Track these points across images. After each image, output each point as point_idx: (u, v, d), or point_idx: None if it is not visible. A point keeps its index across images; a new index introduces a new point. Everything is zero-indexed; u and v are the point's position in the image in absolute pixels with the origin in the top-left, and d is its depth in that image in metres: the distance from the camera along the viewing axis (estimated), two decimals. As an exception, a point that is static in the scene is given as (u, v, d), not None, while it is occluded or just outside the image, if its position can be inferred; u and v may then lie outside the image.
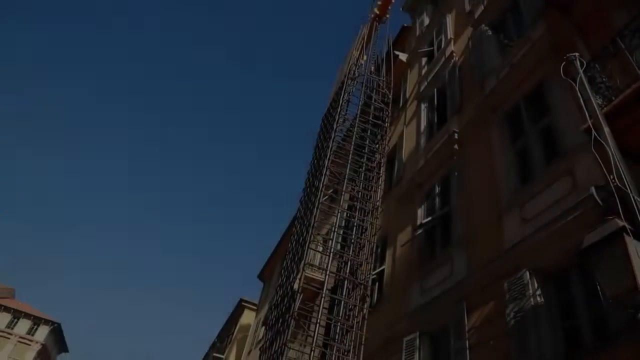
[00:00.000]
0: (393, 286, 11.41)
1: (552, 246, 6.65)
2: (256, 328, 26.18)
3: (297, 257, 6.19)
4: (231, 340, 32.55)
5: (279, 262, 24.71)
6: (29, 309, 60.15)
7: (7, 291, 60.61)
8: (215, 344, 38.24)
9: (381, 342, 10.47)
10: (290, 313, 4.50)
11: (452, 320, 8.30)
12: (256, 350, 21.19)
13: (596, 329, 5.87)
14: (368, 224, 10.20)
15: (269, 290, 26.86)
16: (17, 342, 56.25)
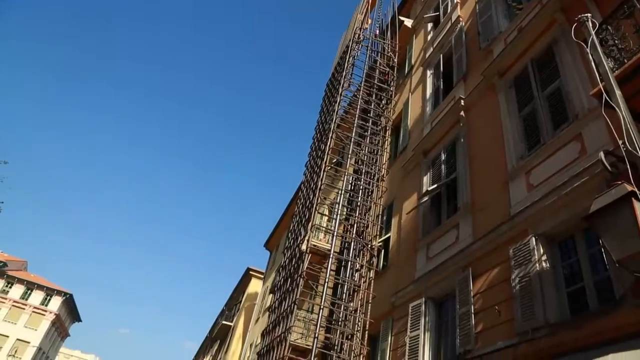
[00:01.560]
0: (399, 253, 11.53)
1: (559, 212, 6.65)
2: (263, 296, 26.67)
3: (304, 220, 6.22)
4: (239, 308, 33.25)
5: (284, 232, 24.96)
6: (42, 280, 61.46)
7: (19, 264, 61.80)
8: (224, 311, 39.10)
9: (387, 308, 10.66)
10: (300, 273, 4.57)
11: (458, 286, 8.41)
12: (264, 318, 21.65)
13: (601, 294, 5.93)
14: (374, 187, 10.19)
15: (275, 259, 27.24)
16: (31, 313, 57.72)
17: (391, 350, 10.08)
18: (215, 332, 39.01)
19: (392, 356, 9.99)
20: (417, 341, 9.10)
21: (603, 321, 5.32)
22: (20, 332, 56.13)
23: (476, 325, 7.62)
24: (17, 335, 55.80)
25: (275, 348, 4.74)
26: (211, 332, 44.65)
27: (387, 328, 10.50)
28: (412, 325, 9.44)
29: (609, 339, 5.06)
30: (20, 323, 56.61)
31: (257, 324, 25.05)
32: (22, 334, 56.14)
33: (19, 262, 62.15)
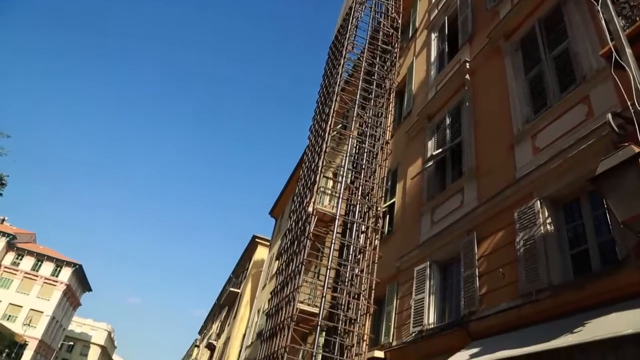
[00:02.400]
0: (404, 218, 11.63)
1: (564, 175, 6.65)
2: (270, 263, 27.09)
3: (309, 183, 6.24)
4: (246, 275, 33.84)
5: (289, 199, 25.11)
6: (51, 252, 62.55)
7: (28, 236, 62.75)
8: (231, 279, 39.83)
9: (392, 272, 10.84)
10: (306, 235, 4.62)
11: (462, 249, 8.52)
12: (271, 284, 22.07)
13: (604, 255, 6.00)
14: (378, 150, 10.16)
15: (280, 226, 27.52)
16: (43, 284, 59.05)
17: (397, 313, 10.31)
18: (223, 299, 39.86)
19: (397, 319, 10.22)
20: (422, 304, 9.29)
21: (606, 282, 5.41)
22: (33, 302, 57.59)
23: (480, 288, 7.76)
24: (31, 306, 57.28)
25: (283, 308, 4.85)
26: (219, 299, 45.64)
27: (393, 291, 10.70)
28: (417, 289, 9.61)
29: (612, 299, 5.15)
30: (33, 294, 58.00)
31: (264, 290, 25.54)
32: (35, 304, 57.61)
33: (28, 234, 63.09)
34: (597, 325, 4.80)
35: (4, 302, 56.24)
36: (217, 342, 38.35)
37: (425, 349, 8.55)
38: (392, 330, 10.20)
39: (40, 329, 56.79)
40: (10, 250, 57.80)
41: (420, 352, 8.67)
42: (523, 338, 5.64)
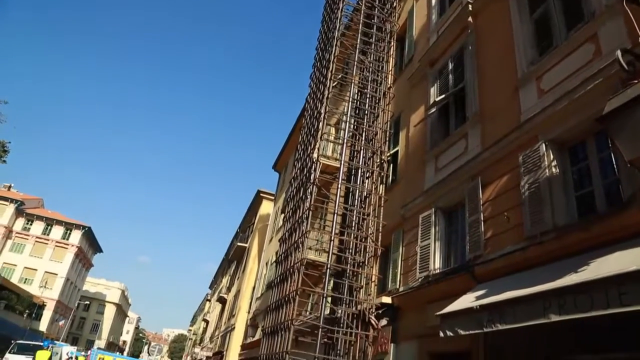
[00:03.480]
0: (407, 166, 11.64)
1: (570, 116, 6.57)
2: (275, 217, 27.43)
3: (312, 130, 6.16)
4: (252, 230, 34.37)
5: (292, 152, 25.09)
6: (60, 216, 63.43)
7: (35, 201, 63.44)
8: (238, 234, 40.52)
9: (397, 220, 10.97)
10: (312, 181, 4.63)
11: (467, 195, 8.57)
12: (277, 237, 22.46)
13: (609, 197, 6.03)
14: (381, 95, 10.00)
15: (284, 180, 27.66)
16: (54, 247, 60.30)
17: (402, 260, 10.53)
18: (232, 253, 40.72)
19: (403, 265, 10.45)
20: (427, 250, 9.46)
21: (611, 221, 5.46)
22: (47, 265, 59.04)
23: (485, 232, 7.86)
24: (45, 269, 58.79)
25: (292, 254, 4.95)
26: (227, 254, 46.66)
27: (398, 239, 10.88)
28: (422, 236, 9.76)
29: (616, 238, 5.22)
30: (46, 257, 59.36)
31: (271, 243, 26.01)
32: (49, 267, 59.09)
33: (35, 199, 63.76)
34: (601, 264, 4.89)
35: (19, 266, 57.67)
36: (227, 295, 39.52)
37: (431, 293, 8.78)
38: (398, 277, 10.45)
39: (56, 290, 58.52)
40: (19, 216, 58.62)
41: (426, 297, 8.91)
42: (528, 279, 5.76)
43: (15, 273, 56.26)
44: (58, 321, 57.67)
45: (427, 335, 8.46)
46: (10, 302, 43.67)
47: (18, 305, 46.04)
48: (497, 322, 5.55)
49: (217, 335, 38.73)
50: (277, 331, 4.78)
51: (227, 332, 32.01)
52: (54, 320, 57.79)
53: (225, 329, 33.87)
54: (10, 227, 57.14)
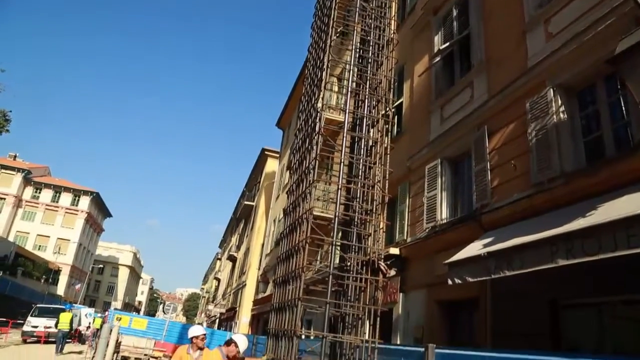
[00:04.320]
0: (412, 118, 11.53)
1: (579, 60, 6.40)
2: (281, 174, 27.53)
3: (316, 80, 6.01)
4: (259, 188, 34.59)
5: (295, 109, 24.85)
6: (67, 183, 63.92)
7: (42, 170, 63.81)
8: (245, 193, 40.83)
9: (403, 172, 10.99)
10: (317, 131, 4.60)
11: (473, 144, 8.51)
12: (283, 195, 22.63)
13: (618, 141, 5.96)
14: (384, 42, 9.75)
15: (288, 136, 27.55)
16: (65, 214, 61.15)
17: (409, 212, 10.62)
18: (239, 212, 41.20)
19: (410, 217, 10.55)
20: (434, 201, 9.51)
21: (619, 165, 5.42)
22: (58, 232, 60.11)
23: (492, 181, 7.86)
24: (57, 235, 59.90)
25: (300, 204, 4.99)
26: (235, 213, 47.22)
27: (405, 191, 10.93)
28: (428, 186, 9.79)
29: (625, 182, 5.20)
30: (57, 224, 60.33)
31: (278, 201, 26.24)
32: (61, 233, 60.16)
33: (42, 168, 64.11)
34: (609, 208, 4.90)
35: (32, 234, 58.77)
36: (237, 253, 40.29)
37: (438, 243, 8.90)
38: (405, 228, 10.57)
39: (70, 255, 59.84)
40: (27, 184, 59.16)
41: (434, 247, 9.04)
42: (535, 225, 5.79)
43: (29, 241, 57.39)
44: (74, 285, 59.30)
45: (435, 284, 8.64)
46: (27, 268, 44.84)
47: (35, 271, 47.29)
48: (505, 269, 5.64)
49: (229, 293, 39.81)
50: (288, 280, 4.89)
51: (239, 288, 32.87)
52: (70, 285, 59.46)
53: (237, 286, 34.77)
54: (19, 196, 57.81)
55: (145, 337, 22.92)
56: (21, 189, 58.09)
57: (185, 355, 6.88)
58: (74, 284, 59.63)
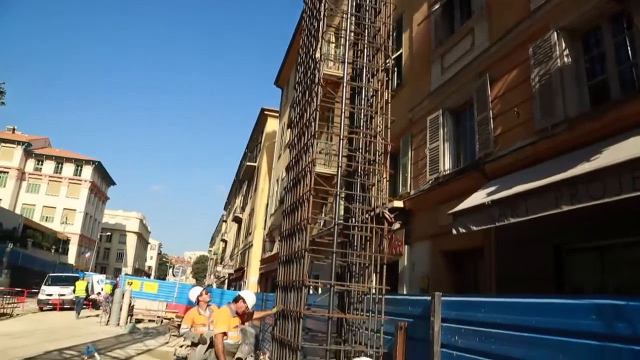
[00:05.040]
0: (412, 69, 11.32)
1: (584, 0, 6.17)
2: (282, 133, 27.38)
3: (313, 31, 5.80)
4: (260, 149, 34.49)
5: (293, 66, 24.41)
6: (69, 153, 63.83)
7: (42, 141, 63.60)
8: (246, 154, 40.77)
9: (405, 125, 10.90)
10: (316, 81, 4.52)
11: (475, 93, 8.38)
12: (285, 154, 22.59)
13: (624, 84, 5.84)
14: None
15: (287, 95, 27.21)
16: (68, 184, 61.41)
17: (412, 164, 10.60)
18: (242, 174, 41.28)
19: (413, 169, 10.55)
20: (437, 152, 9.47)
21: (625, 108, 5.34)
22: (64, 202, 60.61)
23: (495, 129, 7.79)
24: (63, 205, 60.44)
25: (302, 157, 4.98)
26: (238, 175, 47.34)
27: (407, 144, 10.88)
28: (431, 138, 9.73)
29: (631, 125, 5.12)
30: (62, 194, 60.73)
31: (280, 160, 26.22)
32: (67, 203, 60.68)
33: (42, 139, 63.89)
34: (614, 152, 4.85)
35: (38, 205, 59.29)
36: (242, 215, 40.68)
37: (442, 194, 8.93)
38: (409, 181, 10.59)
39: (77, 225, 60.59)
40: (29, 157, 59.12)
41: (438, 198, 9.08)
42: (539, 172, 5.77)
43: (36, 213, 57.95)
44: (84, 253, 60.38)
45: (440, 234, 8.75)
46: (37, 240, 45.57)
47: (44, 242, 48.08)
48: (509, 216, 5.67)
49: (237, 253, 40.51)
50: (294, 233, 4.93)
51: (246, 249, 33.42)
52: (80, 253, 60.54)
53: (244, 247, 35.33)
54: (22, 169, 57.92)
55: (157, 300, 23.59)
56: (23, 162, 58.12)
57: (197, 315, 7.08)
58: (84, 253, 60.70)
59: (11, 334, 13.04)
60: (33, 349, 10.50)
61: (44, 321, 17.89)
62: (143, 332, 17.25)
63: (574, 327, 2.58)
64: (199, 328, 6.84)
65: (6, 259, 31.95)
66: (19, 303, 21.28)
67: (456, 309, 3.65)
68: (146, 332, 17.11)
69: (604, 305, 2.45)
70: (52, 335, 13.11)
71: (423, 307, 4.05)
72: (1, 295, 19.76)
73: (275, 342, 5.47)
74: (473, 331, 3.39)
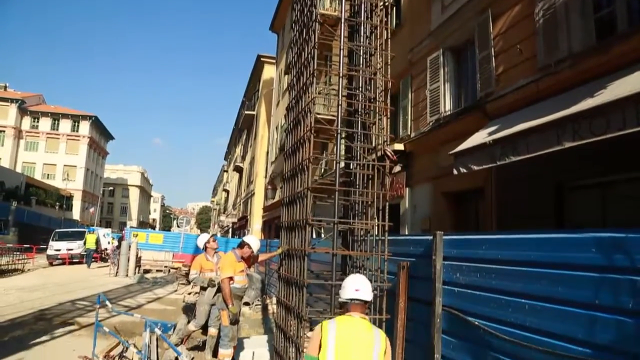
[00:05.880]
0: (411, 8, 10.94)
1: None
2: (279, 80, 26.89)
3: None
4: (258, 97, 34.00)
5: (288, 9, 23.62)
6: (64, 109, 62.97)
7: (36, 98, 62.55)
8: (244, 102, 40.26)
9: (404, 66, 10.66)
10: (314, 19, 4.38)
11: (477, 31, 8.13)
12: (283, 101, 22.29)
13: (632, 14, 5.62)
14: None
15: (283, 40, 26.46)
16: (67, 140, 60.99)
17: (412, 106, 10.47)
18: (241, 123, 40.94)
19: (413, 111, 10.43)
20: (437, 93, 9.32)
21: (632, 41, 5.17)
22: (64, 159, 60.47)
23: (497, 68, 7.62)
24: (63, 162, 60.34)
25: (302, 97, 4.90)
26: (237, 124, 46.96)
27: (406, 85, 10.69)
28: (431, 79, 9.54)
29: (637, 58, 4.98)
30: (61, 151, 60.48)
31: (278, 107, 25.91)
32: (67, 160, 60.55)
33: (35, 96, 62.84)
34: (619, 86, 4.75)
35: (39, 163, 59.22)
36: (243, 164, 40.74)
37: (443, 135, 8.87)
38: (409, 124, 10.50)
39: (79, 181, 60.78)
40: (24, 115, 58.36)
41: (438, 139, 9.02)
42: (542, 110, 5.69)
43: (37, 170, 57.95)
44: (88, 209, 60.98)
45: (441, 176, 8.77)
46: (40, 197, 45.89)
47: (48, 199, 48.46)
48: (510, 155, 5.64)
49: (239, 202, 40.93)
50: (296, 174, 4.95)
51: (248, 197, 33.73)
52: (84, 209, 61.13)
53: (246, 195, 35.64)
54: (18, 127, 57.35)
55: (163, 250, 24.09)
56: (18, 120, 57.46)
57: (205, 261, 7.29)
58: (88, 208, 61.35)
59: (24, 287, 13.44)
60: (47, 301, 10.85)
61: (55, 275, 18.37)
62: (151, 281, 17.73)
63: (573, 260, 2.62)
64: (207, 274, 7.05)
65: (12, 217, 32.36)
66: (29, 259, 21.75)
67: (457, 247, 3.71)
68: (154, 282, 17.59)
69: (604, 238, 2.48)
70: (63, 288, 13.50)
71: (425, 246, 4.11)
72: (11, 252, 20.17)
73: (281, 281, 5.63)
74: (474, 268, 3.45)
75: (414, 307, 4.23)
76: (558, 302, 2.67)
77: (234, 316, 6.04)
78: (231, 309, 5.96)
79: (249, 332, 8.99)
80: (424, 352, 3.87)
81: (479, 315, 3.32)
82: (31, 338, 7.31)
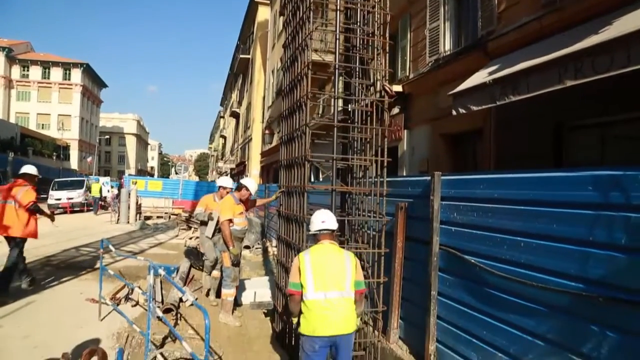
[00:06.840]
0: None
1: None
2: (274, 21, 26.03)
3: None
4: (253, 39, 33.03)
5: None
6: (54, 57, 61.17)
7: (24, 46, 60.64)
8: (239, 46, 39.18)
9: (403, 4, 10.29)
10: None
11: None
12: (279, 44, 21.65)
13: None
14: None
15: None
16: (59, 89, 59.75)
17: (411, 46, 10.20)
18: (236, 67, 40.05)
19: (412, 51, 10.17)
20: (437, 32, 9.05)
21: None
22: (57, 108, 59.53)
23: (498, 5, 7.37)
24: (57, 112, 59.45)
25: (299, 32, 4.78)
26: (232, 69, 45.95)
27: (405, 24, 10.36)
28: (430, 17, 9.24)
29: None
30: (54, 101, 59.42)
31: (274, 50, 25.25)
32: (60, 109, 59.62)
33: (23, 44, 60.89)
34: (626, 22, 4.58)
35: (32, 113, 58.34)
36: (239, 109, 40.27)
37: (443, 75, 8.70)
38: (408, 64, 10.28)
39: (75, 130, 60.17)
40: (13, 63, 56.77)
41: (438, 80, 8.86)
42: (544, 48, 5.52)
43: (31, 121, 57.16)
44: (86, 158, 60.78)
45: (440, 117, 8.69)
46: (36, 147, 45.58)
47: (44, 149, 48.16)
48: (510, 94, 5.54)
49: (237, 148, 40.83)
50: (295, 111, 4.91)
51: (246, 143, 33.61)
52: (81, 158, 60.93)
53: (244, 141, 35.49)
54: (8, 77, 55.95)
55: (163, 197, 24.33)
56: (7, 69, 55.99)
57: (211, 202, 7.52)
58: (85, 157, 61.17)
59: (28, 236, 13.62)
60: (51, 248, 11.06)
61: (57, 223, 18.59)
62: (153, 227, 18.03)
63: (569, 198, 2.64)
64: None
65: (10, 168, 32.31)
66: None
67: (455, 187, 3.73)
68: (156, 228, 17.88)
69: (601, 176, 2.48)
70: (66, 235, 13.72)
71: (423, 187, 4.13)
72: (12, 202, 20.28)
73: (281, 219, 5.73)
74: (471, 207, 3.49)
75: (411, 247, 4.32)
76: (553, 240, 2.71)
77: (235, 257, 6.19)
78: (232, 250, 6.10)
79: (250, 274, 9.25)
80: (420, 289, 4.00)
81: (474, 253, 3.40)
82: (39, 283, 7.52)
